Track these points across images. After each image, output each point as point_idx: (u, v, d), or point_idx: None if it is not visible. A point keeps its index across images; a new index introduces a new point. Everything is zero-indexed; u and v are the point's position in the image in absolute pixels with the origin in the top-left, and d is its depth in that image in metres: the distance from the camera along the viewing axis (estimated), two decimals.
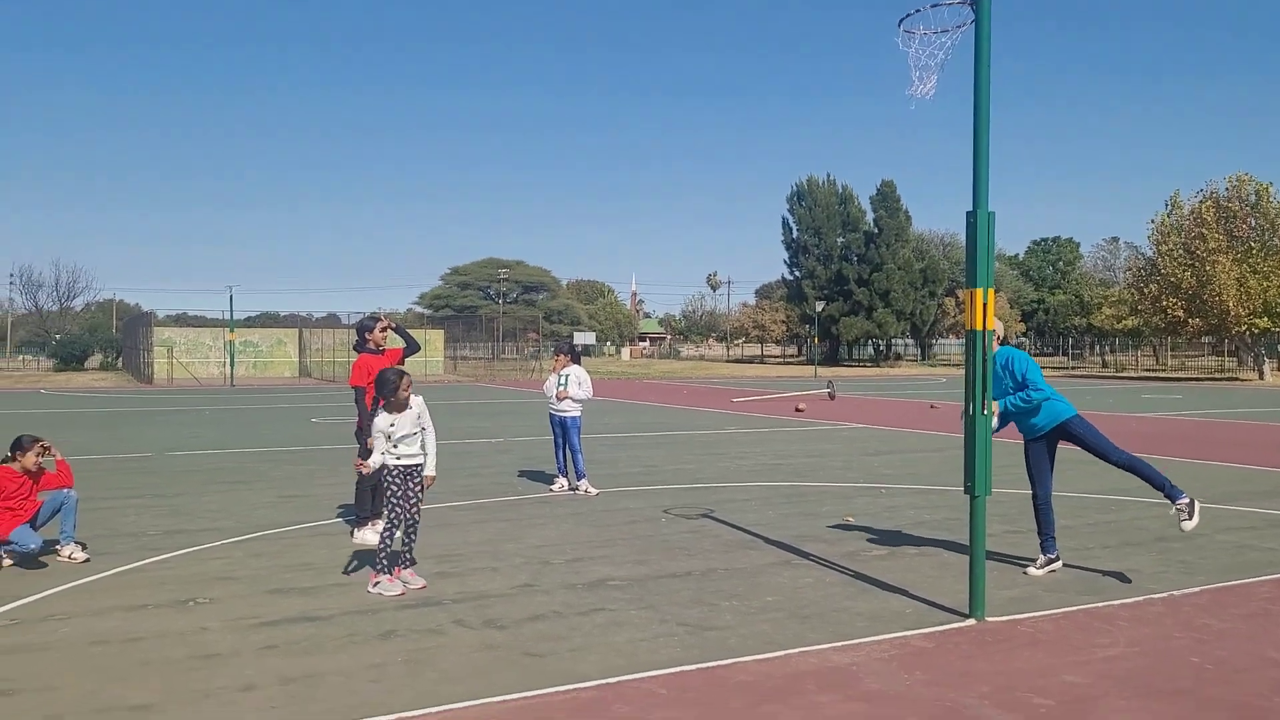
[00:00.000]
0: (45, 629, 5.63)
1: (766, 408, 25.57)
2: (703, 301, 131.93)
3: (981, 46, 5.62)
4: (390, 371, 6.61)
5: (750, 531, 8.48)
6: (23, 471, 7.31)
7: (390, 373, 6.57)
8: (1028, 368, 6.84)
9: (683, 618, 5.84)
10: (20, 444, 7.35)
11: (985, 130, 5.65)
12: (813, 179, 75.57)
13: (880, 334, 74.64)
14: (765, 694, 4.57)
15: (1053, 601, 6.23)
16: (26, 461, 7.30)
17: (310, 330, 52.24)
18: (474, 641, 5.39)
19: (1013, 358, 6.89)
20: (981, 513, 5.80)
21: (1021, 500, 10.03)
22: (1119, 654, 5.19)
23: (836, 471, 12.58)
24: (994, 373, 6.77)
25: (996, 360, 6.84)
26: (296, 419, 21.83)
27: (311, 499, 10.29)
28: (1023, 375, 6.81)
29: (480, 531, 8.51)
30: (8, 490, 7.19)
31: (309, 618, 5.85)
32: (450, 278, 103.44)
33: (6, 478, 7.22)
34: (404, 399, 6.48)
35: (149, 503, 10.10)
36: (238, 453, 14.90)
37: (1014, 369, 6.85)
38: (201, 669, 4.94)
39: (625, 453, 14.56)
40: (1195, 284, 48.31)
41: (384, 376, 6.56)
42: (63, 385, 39.45)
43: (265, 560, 7.41)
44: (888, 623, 5.72)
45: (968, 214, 5.72)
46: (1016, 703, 4.47)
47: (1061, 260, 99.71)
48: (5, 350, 73.86)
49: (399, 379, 6.51)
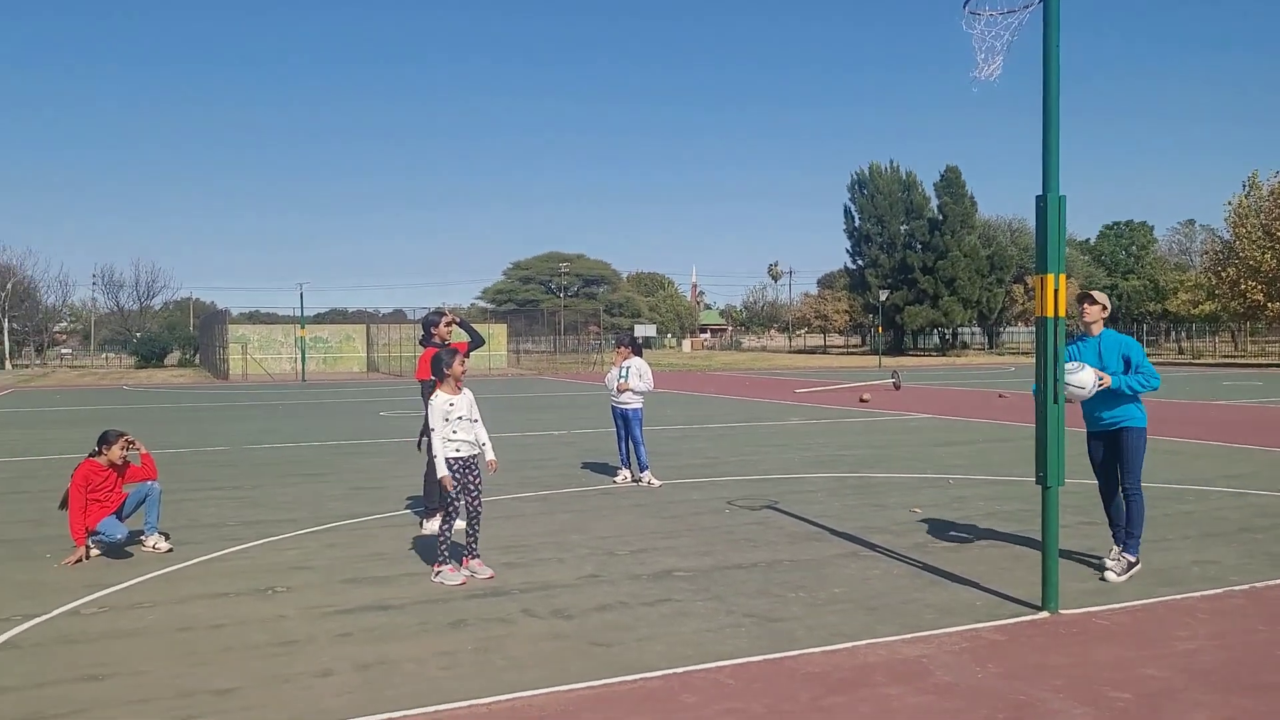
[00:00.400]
0: (134, 616, 5.85)
1: (830, 398, 25.35)
2: (764, 292, 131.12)
3: (1050, 26, 5.49)
4: (444, 351, 6.76)
5: (815, 523, 8.43)
6: (109, 464, 7.58)
7: (444, 351, 6.72)
8: (1142, 357, 6.58)
9: (749, 609, 5.84)
10: (106, 438, 7.62)
11: (1055, 112, 5.53)
12: (875, 166, 74.55)
13: (946, 322, 73.43)
14: (834, 686, 4.55)
15: (1129, 593, 6.09)
16: (112, 455, 7.57)
17: (377, 326, 53.16)
18: (542, 631, 5.46)
19: (1127, 341, 6.62)
20: (1054, 504, 5.69)
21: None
22: (1199, 647, 5.06)
23: (903, 462, 12.43)
24: (1099, 354, 6.59)
25: (1107, 340, 6.64)
26: (366, 413, 22.26)
27: (382, 491, 10.49)
28: (1138, 364, 6.53)
29: (546, 523, 8.60)
30: (95, 482, 7.47)
31: (382, 606, 5.98)
32: (512, 272, 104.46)
33: (94, 470, 7.50)
34: (459, 373, 6.61)
35: (228, 494, 10.41)
36: (311, 446, 15.26)
37: (1131, 355, 6.55)
38: (281, 655, 5.09)
39: (688, 444, 14.57)
40: (1275, 267, 46.66)
41: (438, 356, 6.70)
42: (144, 381, 40.78)
43: (339, 550, 7.59)
44: (958, 615, 5.65)
45: (1037, 198, 5.60)
46: (1093, 696, 4.38)
47: (1135, 244, 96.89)
48: (90, 348, 76.51)
49: (452, 356, 6.65)
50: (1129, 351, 6.58)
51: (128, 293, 78.72)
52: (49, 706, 4.41)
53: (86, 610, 5.99)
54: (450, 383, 6.63)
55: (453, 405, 6.59)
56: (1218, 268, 51.74)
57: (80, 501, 7.31)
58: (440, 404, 6.57)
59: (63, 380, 42.58)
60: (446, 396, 6.60)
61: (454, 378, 6.63)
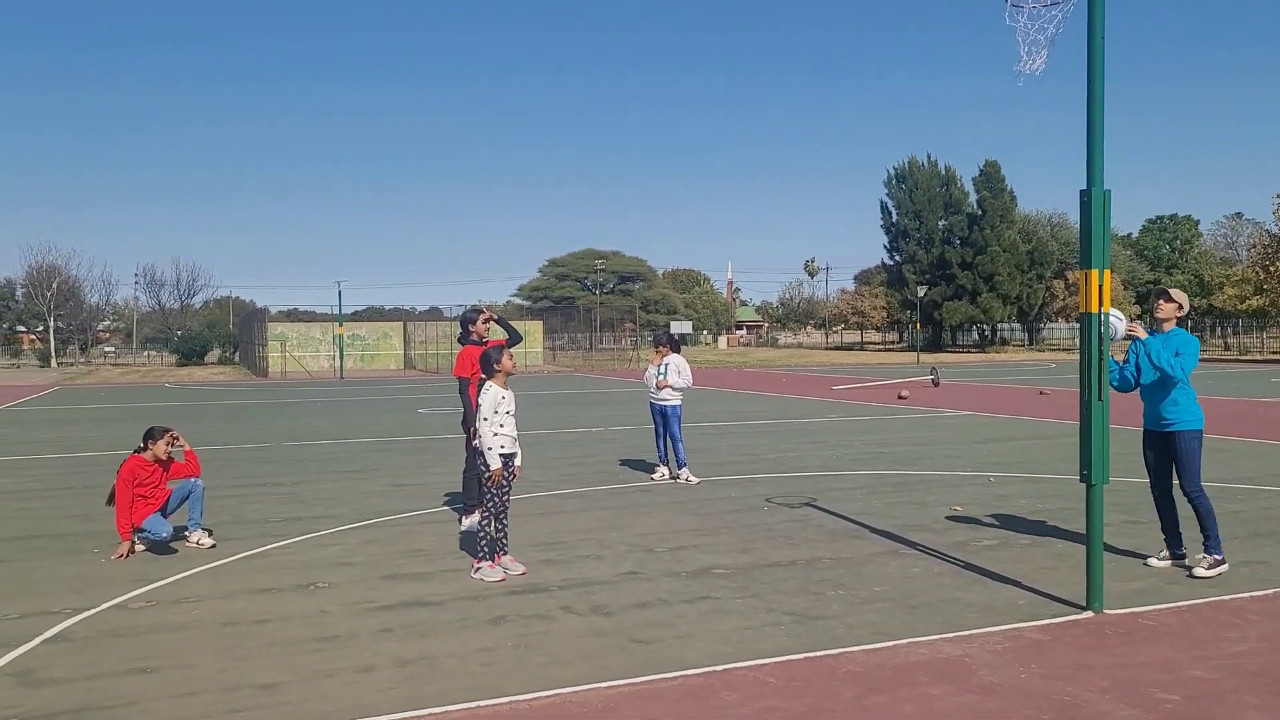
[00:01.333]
0: (180, 610, 5.95)
1: (868, 395, 25.17)
2: (800, 288, 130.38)
3: (1095, 17, 5.40)
4: (492, 349, 6.87)
5: (855, 520, 8.38)
6: (154, 460, 7.71)
7: (492, 350, 6.84)
8: (1191, 356, 6.51)
9: (789, 606, 5.81)
10: (152, 434, 7.75)
11: (1100, 105, 5.44)
12: (913, 160, 73.81)
13: (985, 319, 72.55)
14: (875, 684, 4.52)
15: (1176, 594, 5.99)
16: (158, 450, 7.70)
17: (414, 323, 53.60)
18: (581, 627, 5.47)
19: (1187, 343, 6.57)
20: (1099, 502, 5.61)
21: (1141, 489, 9.66)
22: (1249, 649, 4.96)
23: (943, 460, 12.31)
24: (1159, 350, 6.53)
25: (1174, 338, 6.57)
26: (404, 410, 22.45)
27: (421, 487, 10.58)
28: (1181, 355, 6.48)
29: (584, 519, 8.63)
30: (140, 478, 7.60)
31: (422, 602, 6.03)
32: (548, 269, 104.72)
33: (140, 466, 7.63)
34: (509, 368, 6.73)
35: (270, 490, 10.55)
36: (350, 443, 15.42)
37: (1182, 349, 6.50)
38: (323, 650, 5.15)
39: (725, 441, 14.54)
40: None
41: (487, 354, 6.83)
42: (185, 379, 41.46)
43: (379, 546, 7.66)
44: (1001, 614, 5.59)
45: (1081, 193, 5.52)
46: (1140, 698, 4.32)
47: (1179, 239, 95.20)
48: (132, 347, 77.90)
49: (500, 352, 6.77)
50: (1183, 347, 6.53)
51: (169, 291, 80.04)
52: (99, 698, 4.50)
53: (134, 604, 6.10)
54: (500, 377, 6.71)
55: (504, 398, 6.66)
56: (1266, 262, 50.73)
57: (127, 497, 7.45)
58: (494, 395, 6.64)
59: (106, 378, 43.40)
60: (500, 389, 6.67)
61: (504, 372, 6.71)
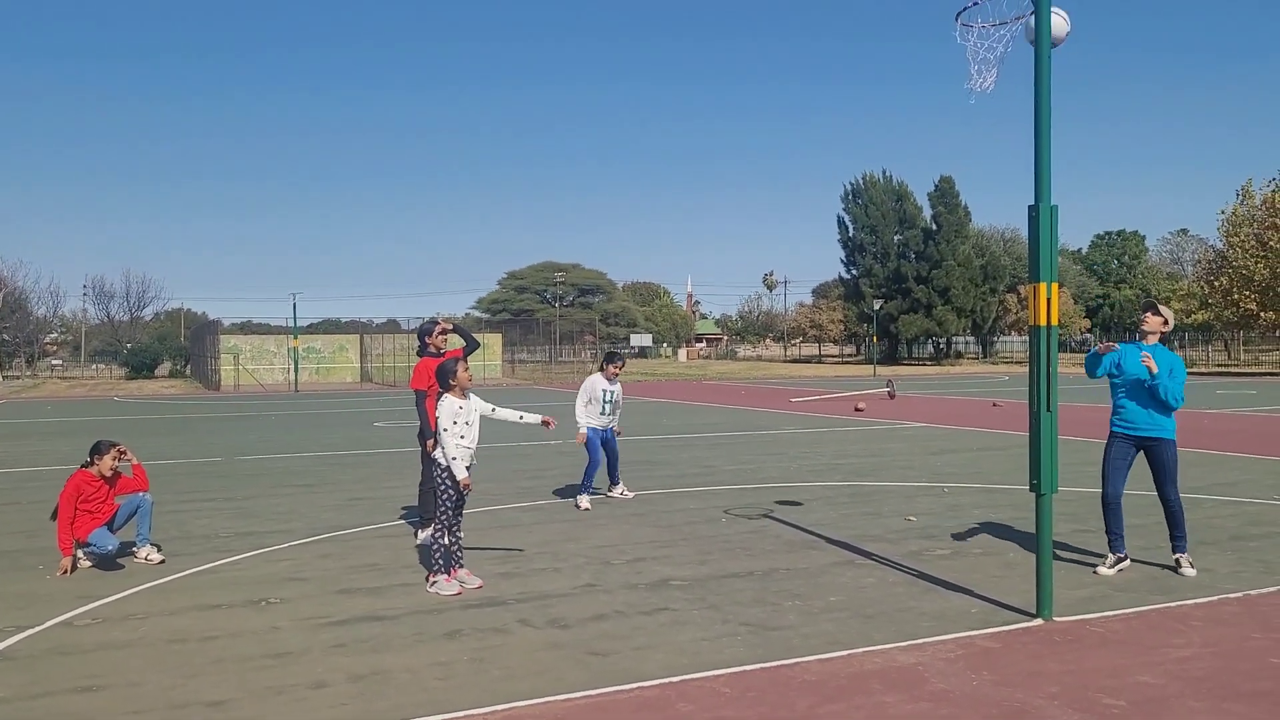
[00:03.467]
0: (126, 627, 5.82)
1: (825, 407, 25.37)
2: (759, 302, 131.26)
3: (1041, 38, 5.53)
4: (447, 361, 6.86)
5: (812, 531, 8.43)
6: (100, 476, 7.55)
7: (448, 362, 6.83)
8: (1181, 377, 6.76)
9: (745, 617, 5.83)
10: (99, 449, 7.60)
11: (1046, 123, 5.56)
12: (869, 176, 74.78)
13: (940, 332, 73.56)
14: (830, 694, 4.55)
15: (1123, 601, 6.10)
16: (104, 466, 7.55)
17: (371, 336, 53.08)
18: (538, 640, 5.45)
19: (1177, 362, 6.80)
20: (1048, 511, 5.71)
21: (1089, 498, 9.84)
22: (1193, 655, 5.07)
23: (898, 471, 12.44)
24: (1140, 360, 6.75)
25: (1159, 355, 6.76)
26: (360, 423, 22.21)
27: (376, 501, 10.47)
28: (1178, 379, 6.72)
29: (541, 532, 8.59)
30: (86, 493, 7.44)
31: (376, 617, 5.97)
32: (507, 282, 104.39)
33: (86, 481, 7.47)
34: (465, 379, 6.70)
35: (220, 505, 10.37)
36: (304, 456, 15.22)
37: (1176, 369, 6.75)
38: (274, 667, 5.07)
39: (684, 453, 14.56)
40: (1269, 276, 46.85)
41: (443, 366, 6.81)
42: (135, 392, 40.66)
43: (333, 561, 7.57)
44: (953, 622, 5.65)
45: (1030, 208, 5.64)
46: (1087, 703, 4.39)
47: (1127, 254, 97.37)
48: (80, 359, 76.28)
49: (455, 364, 6.75)
50: (1173, 368, 6.75)
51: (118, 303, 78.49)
52: (43, 718, 4.39)
53: (80, 622, 5.96)
54: (457, 390, 6.68)
55: (461, 408, 6.63)
56: (1211, 277, 51.97)
57: (69, 513, 7.29)
58: (450, 405, 6.60)
59: (53, 391, 42.44)
60: (456, 400, 6.63)
61: (460, 385, 6.67)
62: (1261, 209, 47.98)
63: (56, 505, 7.40)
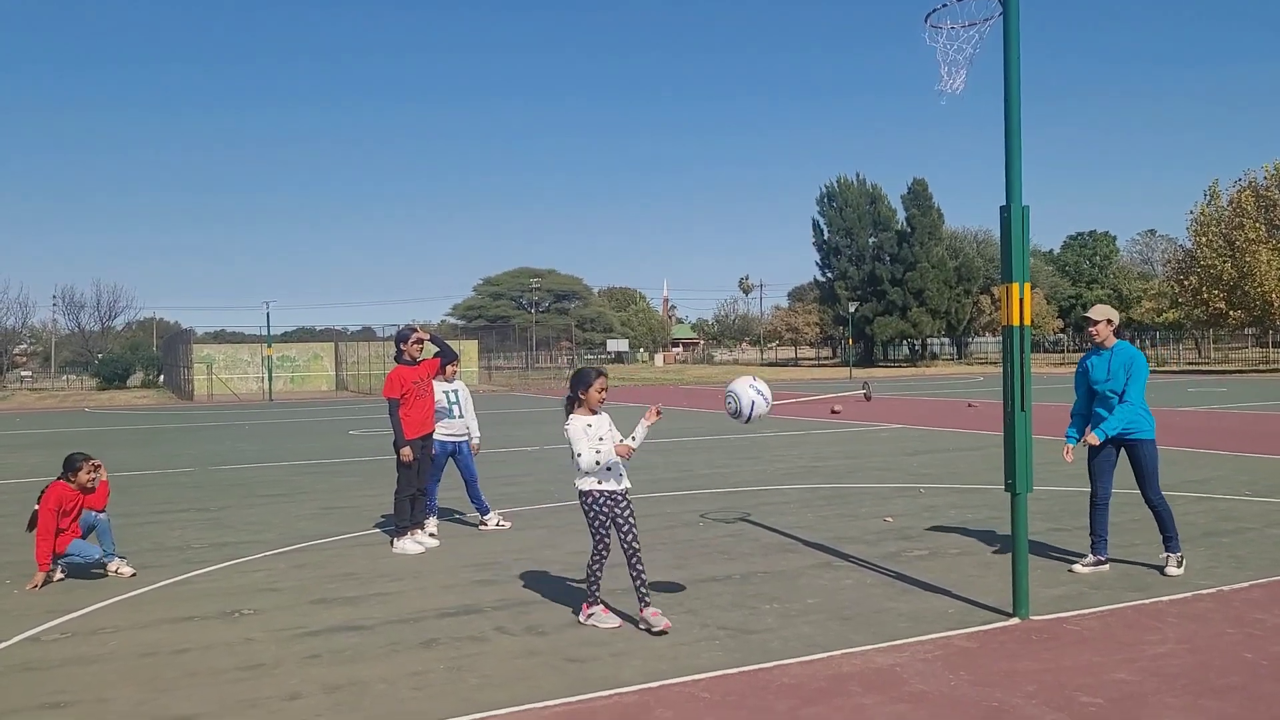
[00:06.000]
0: (96, 641, 5.73)
1: (802, 410, 25.44)
2: (735, 306, 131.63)
3: (1010, 39, 5.56)
4: (588, 370, 5.89)
5: (789, 534, 8.43)
6: (79, 489, 7.46)
7: (588, 371, 5.88)
8: (1141, 378, 6.73)
9: (723, 621, 5.82)
10: (73, 463, 7.49)
11: (1017, 124, 5.60)
12: (843, 179, 75.21)
13: (915, 333, 74.06)
14: (809, 696, 4.54)
15: (1099, 599, 6.13)
16: (81, 479, 7.46)
17: (346, 344, 52.74)
18: (516, 648, 5.41)
19: (1135, 361, 6.75)
20: (1023, 510, 5.73)
21: (1064, 497, 9.92)
22: (1168, 651, 5.10)
23: (875, 472, 12.48)
24: (1108, 368, 6.75)
25: (1117, 355, 6.77)
26: (335, 431, 22.05)
27: (352, 510, 10.38)
28: (1129, 385, 6.69)
29: (519, 539, 8.54)
30: (66, 506, 7.35)
31: (352, 627, 5.90)
32: (482, 288, 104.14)
33: (66, 494, 7.37)
34: (597, 399, 5.77)
35: (193, 516, 10.24)
36: (279, 466, 15.08)
37: (1134, 371, 6.71)
38: (247, 679, 5.00)
39: (661, 458, 14.55)
40: (1236, 275, 47.51)
41: (582, 374, 5.87)
42: (106, 404, 40.17)
43: (308, 571, 7.49)
44: (931, 623, 5.66)
45: (1001, 209, 5.66)
46: (1064, 701, 4.40)
47: (1098, 254, 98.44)
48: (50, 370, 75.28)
49: (595, 376, 5.80)
50: (1132, 370, 6.73)
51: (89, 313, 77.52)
52: None
53: (48, 636, 5.86)
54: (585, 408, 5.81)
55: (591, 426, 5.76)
56: (1180, 276, 52.65)
57: (52, 525, 7.17)
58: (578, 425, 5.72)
59: (22, 403, 41.86)
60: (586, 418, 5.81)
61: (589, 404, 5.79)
62: (1228, 209, 48.64)
63: (33, 515, 7.26)
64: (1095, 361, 6.90)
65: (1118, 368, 6.75)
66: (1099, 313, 6.87)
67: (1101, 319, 6.82)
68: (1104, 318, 6.83)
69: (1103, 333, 6.83)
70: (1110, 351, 6.82)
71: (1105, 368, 6.82)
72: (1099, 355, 6.90)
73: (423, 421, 8.38)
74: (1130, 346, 6.87)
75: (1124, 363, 6.74)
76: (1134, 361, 6.75)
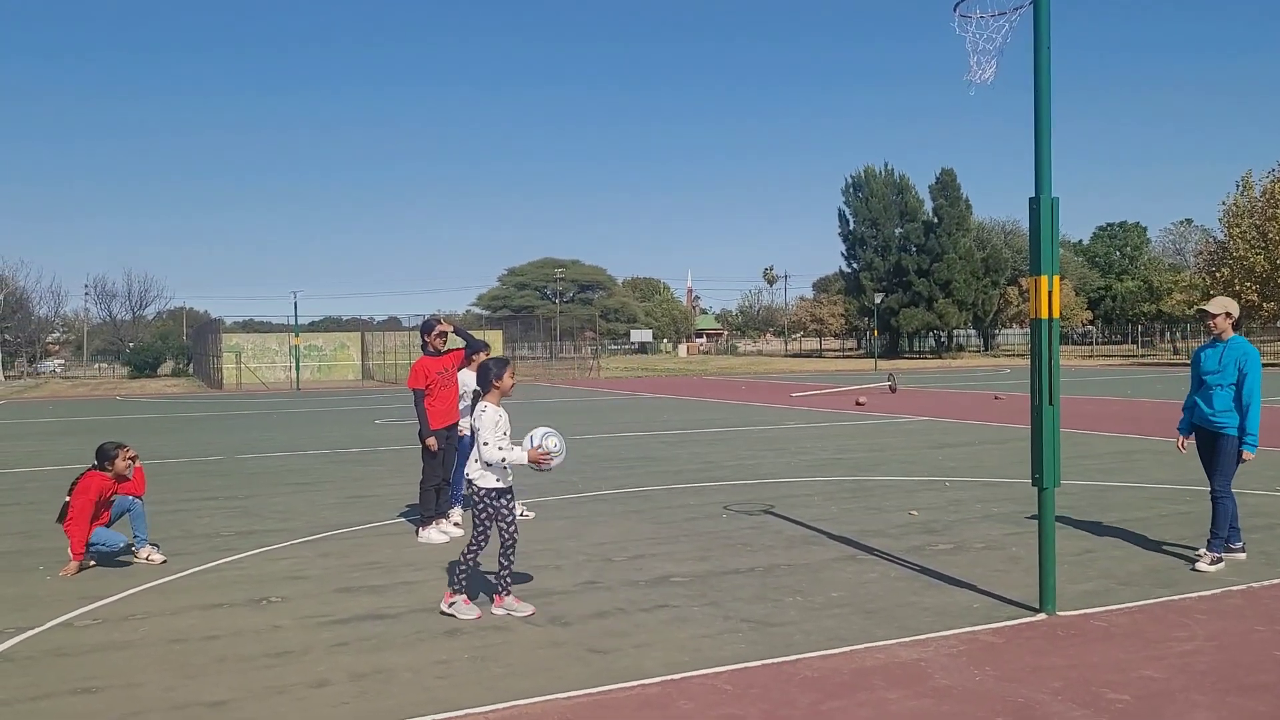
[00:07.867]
0: (126, 628, 5.81)
1: (826, 402, 25.35)
2: (759, 296, 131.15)
3: (1041, 28, 5.50)
4: (495, 361, 6.12)
5: (812, 527, 8.41)
6: (116, 478, 7.56)
7: (495, 362, 6.11)
8: (1256, 374, 6.72)
9: (746, 614, 5.82)
10: (107, 452, 7.59)
11: (1046, 114, 5.53)
12: (869, 169, 74.66)
13: (941, 325, 73.53)
14: (832, 690, 4.54)
15: (1126, 595, 6.08)
16: (119, 467, 7.56)
17: (372, 334, 53.07)
18: (539, 638, 5.43)
19: (1250, 357, 6.75)
20: (1050, 505, 5.69)
21: (1090, 492, 9.83)
22: (1197, 648, 5.05)
23: (899, 465, 12.42)
24: (1220, 360, 6.76)
25: (1230, 349, 6.78)
26: (361, 421, 22.21)
27: (377, 499, 10.46)
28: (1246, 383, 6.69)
29: (542, 530, 8.58)
30: (106, 496, 7.47)
31: (377, 615, 5.96)
32: (507, 279, 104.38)
33: (104, 484, 7.47)
34: (509, 385, 5.96)
35: (222, 504, 10.36)
36: (305, 455, 15.21)
37: (1248, 368, 6.71)
38: (275, 666, 5.06)
39: (684, 449, 14.55)
40: (1269, 267, 46.79)
41: (487, 366, 6.05)
42: (137, 392, 40.67)
43: (334, 560, 7.56)
44: (955, 618, 5.63)
45: (1030, 200, 5.61)
46: (1091, 698, 4.37)
47: (1129, 245, 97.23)
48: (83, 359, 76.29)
49: (503, 365, 6.02)
50: (1246, 366, 6.74)
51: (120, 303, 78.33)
52: None
53: (80, 623, 5.95)
54: (495, 395, 6.00)
55: (501, 417, 5.95)
56: (1212, 268, 51.88)
57: (89, 514, 7.27)
58: (491, 416, 5.89)
59: (55, 392, 42.46)
60: (496, 409, 5.95)
61: (502, 391, 5.99)
62: (1262, 200, 47.89)
63: (63, 506, 7.36)
64: (1209, 353, 6.95)
65: (1229, 361, 6.78)
66: (1218, 305, 6.94)
67: (1220, 312, 6.88)
68: (1223, 310, 6.89)
69: (1221, 325, 6.87)
70: (1225, 345, 6.86)
71: (1218, 359, 6.85)
72: (1213, 347, 6.95)
73: (447, 411, 8.43)
74: (1245, 342, 6.89)
75: (1236, 357, 6.77)
76: (1248, 357, 6.77)
